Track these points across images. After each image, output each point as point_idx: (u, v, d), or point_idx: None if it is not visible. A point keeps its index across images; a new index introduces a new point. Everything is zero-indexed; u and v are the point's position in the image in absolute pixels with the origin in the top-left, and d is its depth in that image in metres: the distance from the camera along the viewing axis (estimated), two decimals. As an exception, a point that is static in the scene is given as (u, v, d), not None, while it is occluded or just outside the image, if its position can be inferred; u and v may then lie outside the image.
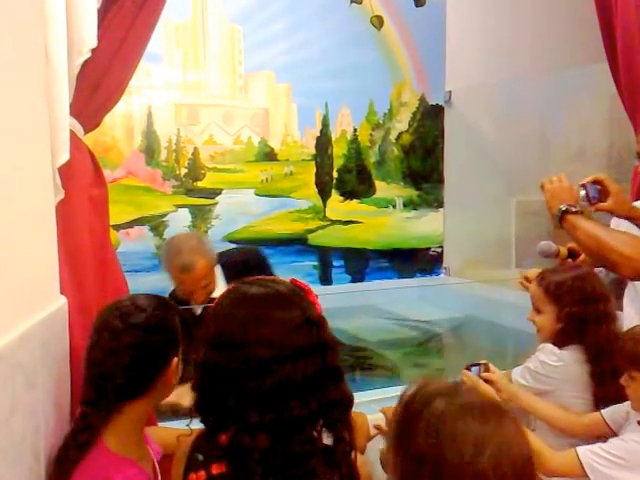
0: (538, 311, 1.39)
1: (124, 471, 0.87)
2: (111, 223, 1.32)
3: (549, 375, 1.35)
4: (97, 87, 1.19)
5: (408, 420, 0.69)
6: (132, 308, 0.93)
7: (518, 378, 1.40)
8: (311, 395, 0.79)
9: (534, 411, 1.33)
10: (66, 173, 1.06)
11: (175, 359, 0.93)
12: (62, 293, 1.02)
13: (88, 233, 1.13)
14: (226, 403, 0.79)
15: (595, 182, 1.38)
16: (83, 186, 1.14)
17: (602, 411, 1.24)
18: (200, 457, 0.80)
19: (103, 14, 1.16)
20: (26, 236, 0.91)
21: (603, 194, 1.37)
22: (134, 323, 0.91)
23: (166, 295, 1.83)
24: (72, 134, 1.12)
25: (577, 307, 1.32)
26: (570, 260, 1.59)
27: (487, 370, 1.37)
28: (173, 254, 1.79)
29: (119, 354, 0.90)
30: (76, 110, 1.15)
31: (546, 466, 1.14)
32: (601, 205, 1.36)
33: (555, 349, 1.35)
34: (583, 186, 1.38)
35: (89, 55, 1.06)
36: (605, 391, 1.30)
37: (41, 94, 0.98)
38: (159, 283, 2.81)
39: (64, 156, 1.02)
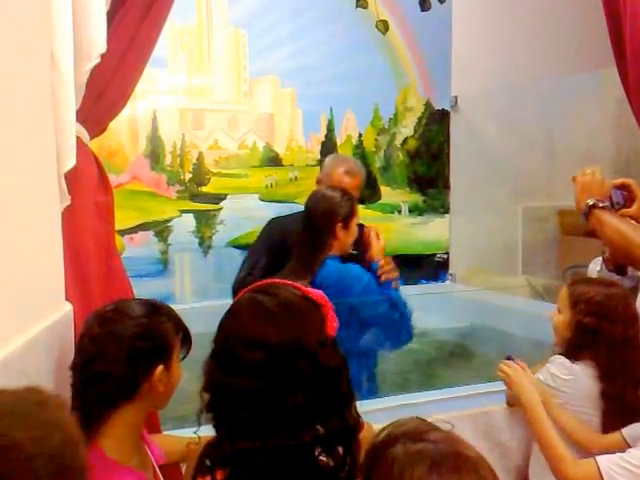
0: (560, 311, 1.39)
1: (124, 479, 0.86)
2: (116, 228, 1.31)
3: (559, 388, 1.33)
4: (103, 93, 1.18)
5: (371, 462, 0.65)
6: (114, 315, 0.91)
7: None
8: (305, 425, 0.75)
9: (556, 418, 1.30)
10: (72, 179, 1.05)
11: (160, 367, 0.89)
12: (67, 300, 1.01)
13: (93, 239, 1.12)
14: (222, 419, 0.77)
15: (621, 187, 1.36)
16: (89, 192, 1.13)
17: (623, 430, 1.21)
18: (208, 462, 0.80)
19: (109, 20, 1.15)
20: (32, 242, 0.90)
21: (628, 199, 1.34)
22: (113, 330, 0.89)
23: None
24: (78, 140, 1.11)
25: (589, 319, 1.30)
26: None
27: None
28: (341, 160, 2.04)
29: (97, 362, 0.88)
30: (82, 116, 1.14)
31: (564, 473, 1.13)
32: (625, 211, 1.33)
33: (567, 362, 1.33)
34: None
35: (99, 60, 1.05)
36: (613, 412, 1.29)
37: (47, 100, 0.97)
38: (164, 288, 2.82)
39: (70, 162, 1.01)
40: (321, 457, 0.77)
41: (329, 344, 0.79)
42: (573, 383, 1.32)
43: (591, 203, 1.32)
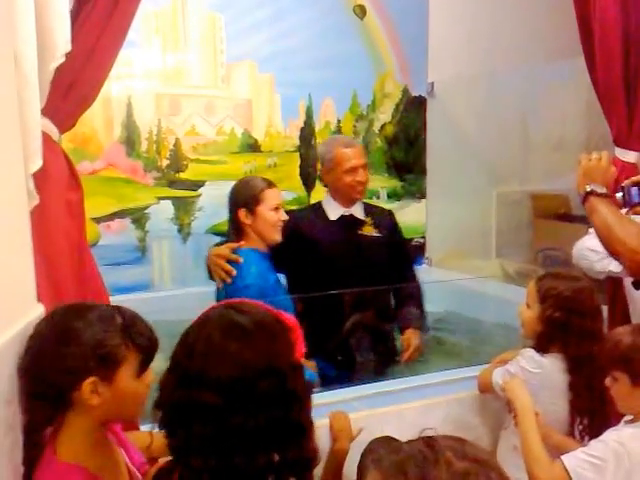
0: (528, 306, 1.42)
1: (70, 478, 0.83)
2: (91, 216, 1.30)
3: (528, 381, 1.36)
4: (71, 87, 1.17)
5: None
6: (49, 319, 0.89)
7: (498, 380, 1.43)
8: (262, 450, 0.73)
9: (525, 435, 1.25)
10: (41, 177, 1.05)
11: (89, 380, 0.84)
12: (39, 300, 1.02)
13: (64, 238, 1.12)
14: (174, 438, 0.75)
15: (637, 184, 1.34)
16: (58, 190, 1.13)
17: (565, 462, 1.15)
18: None
19: (76, 14, 1.14)
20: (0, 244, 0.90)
21: None
22: (38, 337, 0.88)
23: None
24: (47, 137, 1.11)
25: (559, 313, 1.34)
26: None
27: None
28: (336, 137, 2.20)
29: (29, 370, 0.87)
30: (50, 111, 1.13)
31: (537, 476, 1.15)
32: (639, 209, 1.33)
33: (536, 355, 1.38)
34: (622, 188, 1.35)
35: (63, 60, 1.04)
36: (581, 402, 1.33)
37: (12, 100, 0.96)
38: (142, 276, 2.81)
39: (37, 163, 1.01)
40: None
41: (297, 369, 0.79)
42: (541, 376, 1.36)
43: (589, 189, 1.31)
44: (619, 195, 1.37)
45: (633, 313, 1.63)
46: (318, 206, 2.10)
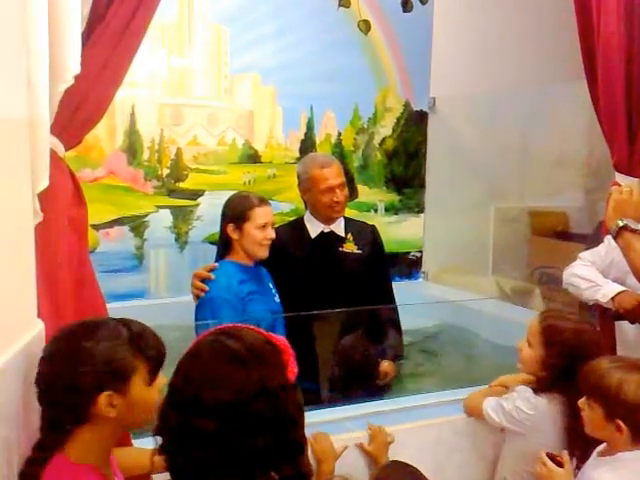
0: (529, 343, 1.38)
1: (84, 478, 0.86)
2: (91, 223, 1.31)
3: (521, 421, 1.36)
4: (79, 106, 1.18)
5: None
6: (65, 336, 0.91)
7: (490, 412, 1.42)
8: (260, 470, 0.76)
9: None
10: (45, 194, 1.06)
11: (104, 394, 0.87)
12: (39, 316, 1.02)
13: (66, 254, 1.13)
14: (175, 462, 0.77)
15: None
16: (62, 207, 1.13)
17: None
18: None
19: (88, 34, 1.15)
20: (3, 262, 0.91)
21: None
22: (56, 354, 0.90)
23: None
24: (53, 154, 1.11)
25: (564, 361, 1.31)
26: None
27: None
28: (312, 157, 2.13)
29: (45, 385, 0.90)
30: (58, 129, 1.14)
31: None
32: None
33: (532, 397, 1.35)
34: None
35: (72, 82, 1.05)
36: (575, 446, 1.30)
37: (23, 121, 0.97)
38: (139, 284, 2.82)
39: (44, 183, 1.01)
40: None
41: (290, 389, 0.80)
42: (534, 417, 1.35)
43: (622, 224, 1.28)
44: None
45: (619, 335, 1.66)
46: (300, 222, 2.10)
